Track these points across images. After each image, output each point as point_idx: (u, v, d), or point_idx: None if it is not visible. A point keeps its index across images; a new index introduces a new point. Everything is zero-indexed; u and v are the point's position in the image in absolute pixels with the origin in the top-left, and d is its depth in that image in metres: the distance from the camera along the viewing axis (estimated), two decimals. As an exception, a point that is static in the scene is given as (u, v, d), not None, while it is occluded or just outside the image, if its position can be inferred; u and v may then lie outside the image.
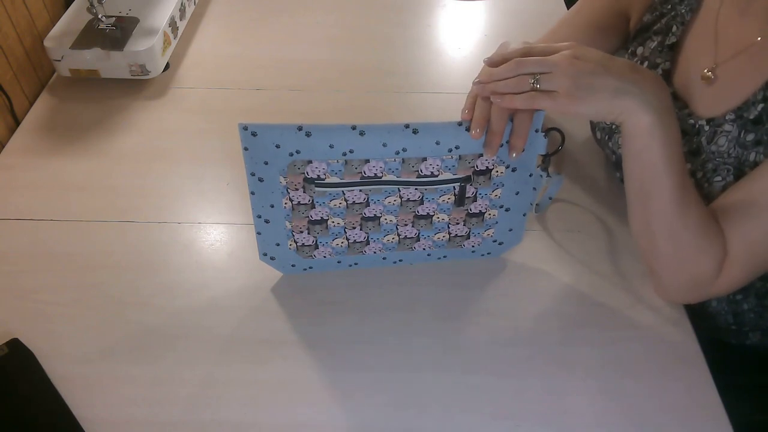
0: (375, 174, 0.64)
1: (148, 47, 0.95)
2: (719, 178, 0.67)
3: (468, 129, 0.62)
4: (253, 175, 0.65)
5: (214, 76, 1.03)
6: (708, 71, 0.70)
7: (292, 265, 0.73)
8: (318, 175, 0.64)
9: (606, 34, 0.83)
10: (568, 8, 1.12)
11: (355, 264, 0.74)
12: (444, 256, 0.75)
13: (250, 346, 0.68)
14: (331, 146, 0.62)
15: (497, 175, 0.67)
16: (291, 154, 0.63)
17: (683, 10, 0.74)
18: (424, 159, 0.64)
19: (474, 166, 0.65)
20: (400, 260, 0.74)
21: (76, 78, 0.99)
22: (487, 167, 0.66)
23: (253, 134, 0.62)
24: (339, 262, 0.73)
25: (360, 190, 0.66)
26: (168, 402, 0.63)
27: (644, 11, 0.79)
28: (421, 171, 0.65)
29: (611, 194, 0.84)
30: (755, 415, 0.79)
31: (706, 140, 0.69)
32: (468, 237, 0.72)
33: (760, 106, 0.65)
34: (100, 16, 0.97)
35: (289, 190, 0.66)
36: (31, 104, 0.98)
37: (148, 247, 0.77)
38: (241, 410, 0.63)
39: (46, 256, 0.76)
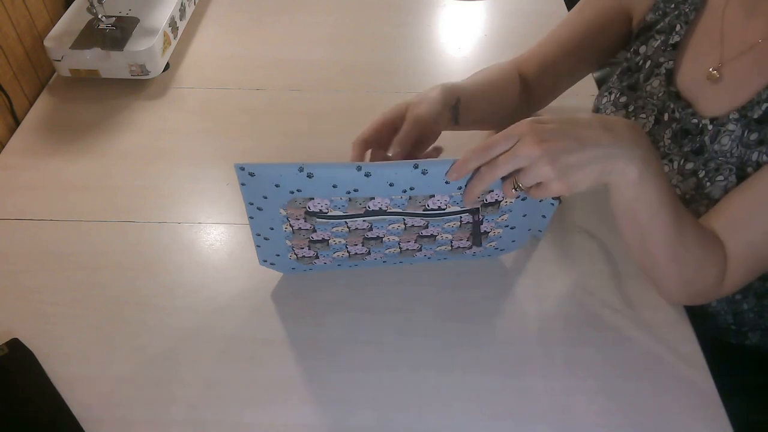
0: (380, 208, 0.62)
1: (148, 47, 0.95)
2: (721, 178, 0.67)
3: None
4: (251, 204, 0.62)
5: (214, 76, 1.03)
6: (713, 70, 0.70)
7: (293, 268, 0.73)
8: (320, 209, 0.62)
9: (608, 33, 0.83)
10: (568, 8, 1.12)
11: (355, 265, 0.74)
12: (444, 258, 0.75)
13: (250, 346, 0.68)
14: (334, 186, 0.59)
15: (505, 204, 0.65)
16: (292, 192, 0.60)
17: (687, 9, 0.74)
18: (432, 195, 0.62)
19: (483, 200, 0.64)
20: (400, 262, 0.74)
21: (76, 78, 0.99)
22: (496, 200, 0.64)
23: (251, 174, 0.59)
24: (339, 265, 0.73)
25: (363, 220, 0.64)
26: (168, 402, 0.63)
27: (647, 10, 0.79)
28: (428, 206, 0.62)
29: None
30: (755, 415, 0.79)
31: (709, 139, 0.69)
32: (470, 248, 0.72)
33: (764, 106, 0.65)
34: (100, 16, 0.97)
35: (289, 219, 0.64)
36: (31, 104, 0.98)
37: (148, 247, 0.77)
38: (241, 410, 0.63)
39: (46, 256, 0.76)
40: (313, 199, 0.61)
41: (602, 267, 0.76)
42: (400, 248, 0.70)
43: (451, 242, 0.70)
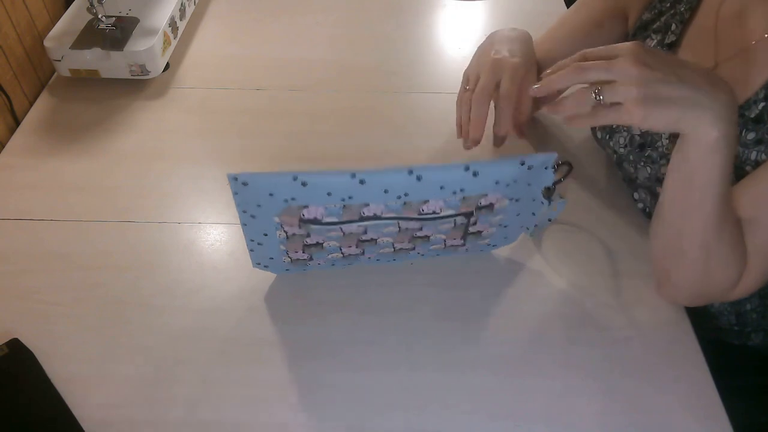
0: (375, 214, 0.62)
1: (148, 47, 0.95)
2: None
3: (475, 174, 0.59)
4: (244, 212, 0.62)
5: (214, 76, 1.03)
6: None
7: (287, 270, 0.73)
8: (315, 217, 0.62)
9: (605, 32, 0.83)
10: (568, 8, 1.12)
11: (349, 264, 0.74)
12: (437, 254, 0.75)
13: (250, 346, 0.68)
14: (329, 194, 0.59)
15: (500, 206, 0.65)
16: (286, 201, 0.59)
17: (682, 9, 0.74)
18: (426, 201, 0.61)
19: (478, 203, 0.64)
20: (393, 260, 0.74)
21: (76, 78, 0.99)
22: (490, 203, 0.64)
23: (244, 184, 0.58)
24: (333, 264, 0.73)
25: (358, 225, 0.64)
26: (168, 402, 0.63)
27: (643, 9, 0.79)
28: (422, 210, 0.62)
29: (611, 194, 0.84)
30: (758, 416, 0.78)
31: None
32: (463, 245, 0.72)
33: (761, 105, 0.64)
34: (100, 16, 0.97)
35: (283, 226, 0.63)
36: (31, 104, 0.98)
37: (148, 248, 0.77)
38: (241, 410, 0.63)
39: (46, 256, 0.76)
40: (307, 206, 0.60)
41: (602, 266, 0.76)
42: (393, 248, 0.70)
43: (444, 241, 0.70)
